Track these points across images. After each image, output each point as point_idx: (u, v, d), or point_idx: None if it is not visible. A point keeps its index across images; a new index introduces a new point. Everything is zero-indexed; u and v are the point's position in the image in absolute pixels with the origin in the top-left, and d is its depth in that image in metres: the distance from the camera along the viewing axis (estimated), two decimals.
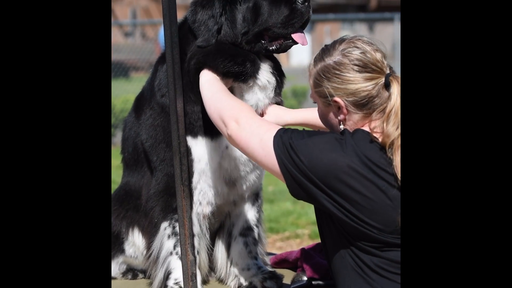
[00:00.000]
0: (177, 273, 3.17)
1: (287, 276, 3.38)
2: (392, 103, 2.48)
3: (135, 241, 3.39)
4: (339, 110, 2.56)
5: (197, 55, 2.99)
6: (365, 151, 2.44)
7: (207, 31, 3.01)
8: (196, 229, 3.20)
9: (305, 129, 2.64)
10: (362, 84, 2.50)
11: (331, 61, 2.54)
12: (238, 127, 2.61)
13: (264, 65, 3.07)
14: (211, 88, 2.86)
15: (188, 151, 3.09)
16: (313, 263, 3.28)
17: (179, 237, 3.08)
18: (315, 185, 2.45)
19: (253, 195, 3.38)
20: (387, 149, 2.44)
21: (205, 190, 3.19)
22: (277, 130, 2.54)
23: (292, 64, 33.96)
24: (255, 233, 3.40)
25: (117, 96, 12.79)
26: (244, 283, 3.32)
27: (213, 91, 2.83)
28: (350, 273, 2.53)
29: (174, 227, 3.19)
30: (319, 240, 2.84)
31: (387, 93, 2.51)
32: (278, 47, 3.05)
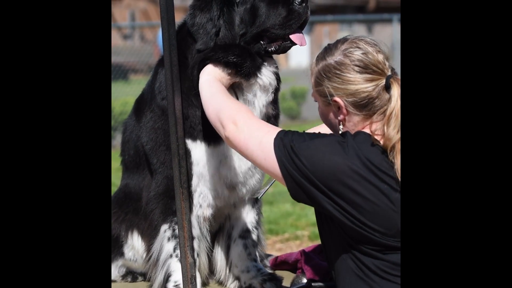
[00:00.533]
0: (177, 276, 3.17)
1: (287, 278, 3.38)
2: (392, 106, 2.46)
3: (134, 244, 3.39)
4: (339, 110, 2.55)
5: (199, 62, 2.99)
6: (367, 154, 2.43)
7: (205, 34, 3.01)
8: (196, 232, 3.19)
9: (306, 131, 2.63)
10: (362, 85, 2.48)
11: (332, 60, 2.53)
12: (236, 128, 2.59)
13: (266, 64, 3.06)
14: (210, 88, 2.84)
15: (188, 154, 3.09)
16: (313, 264, 3.27)
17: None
18: (317, 188, 2.44)
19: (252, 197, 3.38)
20: (389, 152, 2.43)
21: (205, 192, 3.18)
22: (277, 132, 2.53)
23: (291, 65, 33.97)
24: (254, 235, 3.40)
25: (116, 98, 12.77)
26: (243, 285, 3.32)
27: (212, 92, 2.81)
28: (351, 275, 2.52)
29: (174, 230, 3.18)
30: (319, 241, 2.83)
31: (387, 95, 2.49)
32: (277, 48, 3.05)
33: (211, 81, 2.88)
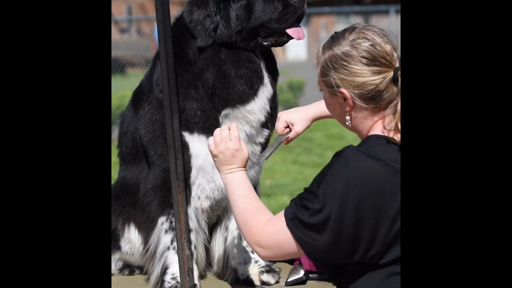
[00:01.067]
0: (174, 268, 3.17)
1: (284, 269, 3.38)
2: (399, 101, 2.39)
3: (131, 237, 3.39)
4: (345, 101, 2.47)
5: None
6: (384, 155, 2.38)
7: (203, 30, 3.03)
8: (193, 224, 3.20)
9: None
10: (369, 77, 2.41)
11: (339, 51, 2.44)
12: (263, 249, 2.53)
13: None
14: (237, 191, 2.67)
15: (186, 147, 3.10)
16: None
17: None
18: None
19: None
20: None
21: (203, 185, 3.19)
22: (287, 225, 2.58)
23: (288, 58, 33.96)
24: None
25: (114, 92, 12.74)
26: (241, 277, 3.32)
27: (240, 195, 2.66)
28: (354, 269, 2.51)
29: (171, 222, 3.18)
30: None
31: (396, 88, 2.42)
32: (273, 43, 3.08)
33: (240, 181, 2.68)
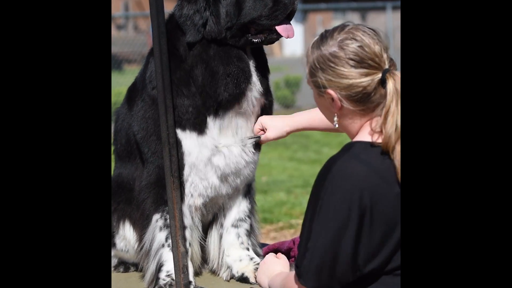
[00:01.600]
0: (169, 265, 3.16)
1: None
2: (388, 102, 2.33)
3: (126, 234, 3.38)
4: (332, 101, 2.43)
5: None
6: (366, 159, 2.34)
7: (192, 26, 3.02)
8: (188, 221, 3.19)
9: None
10: (357, 79, 2.35)
11: (327, 51, 2.39)
12: None
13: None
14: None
15: (179, 144, 3.08)
16: None
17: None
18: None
19: (245, 186, 3.37)
20: (391, 153, 2.31)
21: (196, 182, 3.18)
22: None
23: (285, 54, 33.97)
24: (247, 224, 3.39)
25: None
26: (236, 275, 3.31)
27: None
28: None
29: (166, 219, 3.17)
30: None
31: (383, 90, 2.36)
32: (262, 40, 3.07)
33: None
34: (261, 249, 3.55)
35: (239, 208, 3.37)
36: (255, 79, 3.12)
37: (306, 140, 10.88)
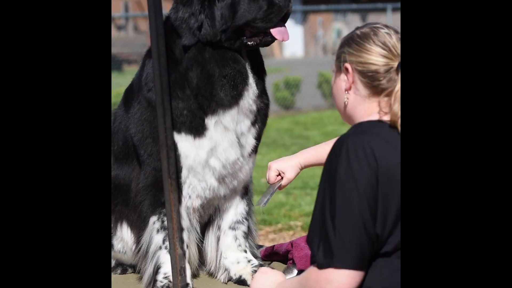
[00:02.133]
0: (167, 268, 3.16)
1: (278, 268, 3.35)
2: (399, 85, 2.47)
3: (124, 236, 3.38)
4: (347, 75, 2.57)
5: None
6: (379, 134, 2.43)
7: (188, 29, 3.02)
8: (185, 223, 3.19)
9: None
10: (375, 57, 2.50)
11: (359, 31, 2.58)
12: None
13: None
14: None
15: (175, 146, 3.08)
16: (304, 255, 3.26)
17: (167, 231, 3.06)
18: None
19: (242, 188, 3.38)
20: (398, 128, 2.43)
21: (194, 184, 3.18)
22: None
23: (285, 55, 33.98)
24: (244, 226, 3.39)
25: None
26: (234, 277, 3.31)
27: None
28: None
29: (163, 221, 3.17)
30: None
31: (395, 77, 2.49)
32: (257, 43, 3.07)
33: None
34: (258, 251, 3.56)
35: (236, 210, 3.37)
36: (252, 80, 3.12)
37: (305, 141, 10.88)
